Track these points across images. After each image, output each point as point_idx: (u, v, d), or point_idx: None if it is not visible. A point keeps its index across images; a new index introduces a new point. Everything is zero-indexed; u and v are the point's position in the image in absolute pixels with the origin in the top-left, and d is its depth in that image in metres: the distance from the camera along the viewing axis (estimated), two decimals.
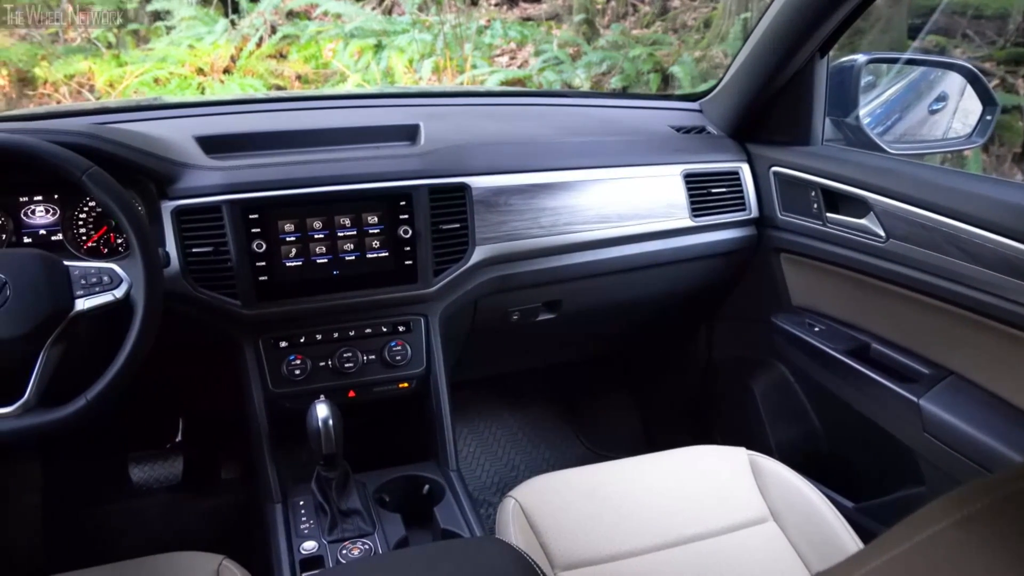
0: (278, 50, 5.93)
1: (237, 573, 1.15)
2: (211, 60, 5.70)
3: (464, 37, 5.81)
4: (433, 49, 5.69)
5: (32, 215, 1.30)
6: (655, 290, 1.72)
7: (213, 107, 1.69)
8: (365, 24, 5.97)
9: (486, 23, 6.20)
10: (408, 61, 5.67)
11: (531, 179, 1.47)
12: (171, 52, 5.70)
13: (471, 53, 5.74)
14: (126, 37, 5.87)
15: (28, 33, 5.55)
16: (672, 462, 1.43)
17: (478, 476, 1.99)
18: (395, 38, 5.82)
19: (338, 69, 5.72)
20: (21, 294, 1.04)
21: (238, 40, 5.85)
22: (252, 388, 1.33)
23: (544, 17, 6.56)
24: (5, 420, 1.02)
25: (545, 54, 5.79)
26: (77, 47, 5.58)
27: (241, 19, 5.98)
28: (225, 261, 1.29)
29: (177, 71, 5.54)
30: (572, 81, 5.68)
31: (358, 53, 5.76)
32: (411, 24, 5.84)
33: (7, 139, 1.06)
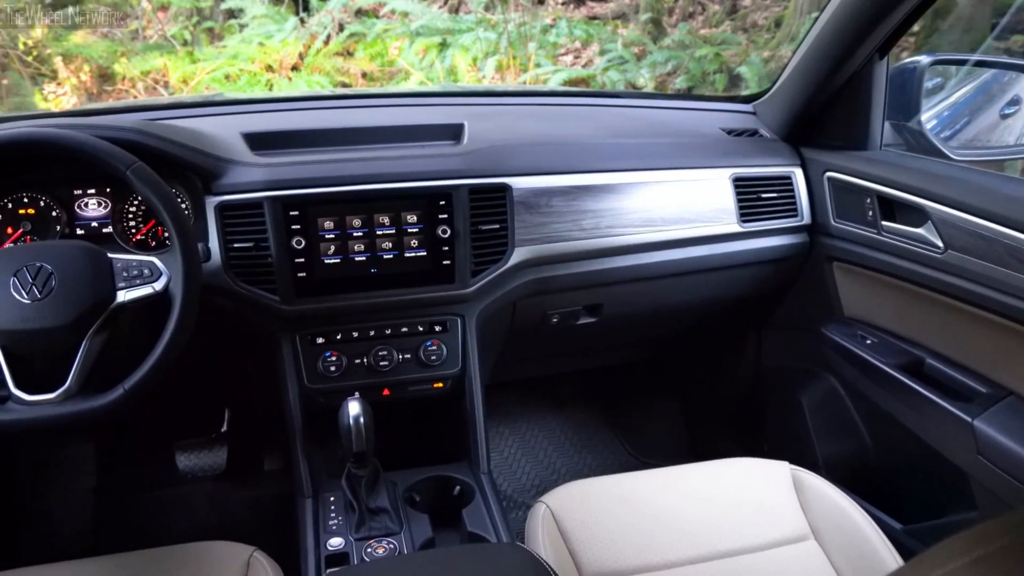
0: (345, 48, 6.02)
1: (266, 565, 1.16)
2: (280, 57, 5.82)
3: (529, 36, 5.80)
4: (497, 48, 5.70)
5: (85, 208, 1.34)
6: (701, 296, 1.68)
7: (263, 104, 1.72)
8: (430, 22, 6.01)
9: (552, 22, 6.18)
10: (472, 60, 5.69)
11: (573, 180, 1.45)
12: (242, 49, 5.83)
13: (535, 52, 5.73)
14: (201, 35, 6.05)
15: (109, 31, 5.77)
16: (710, 473, 1.39)
17: (518, 478, 1.98)
18: (460, 37, 5.85)
19: (403, 67, 5.77)
20: (66, 284, 1.07)
21: (306, 38, 5.96)
22: (288, 383, 1.35)
23: (610, 16, 6.49)
24: (47, 406, 1.05)
25: (610, 53, 5.74)
26: (154, 44, 5.76)
27: (310, 17, 6.09)
28: (265, 257, 1.31)
29: (247, 68, 5.67)
30: (636, 81, 5.62)
31: (423, 51, 5.81)
32: (476, 23, 5.86)
33: (56, 134, 1.09)
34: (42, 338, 1.06)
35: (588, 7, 6.73)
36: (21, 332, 1.05)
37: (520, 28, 5.77)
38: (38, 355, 1.10)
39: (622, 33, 6.16)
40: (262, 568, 1.15)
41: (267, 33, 5.95)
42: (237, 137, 1.41)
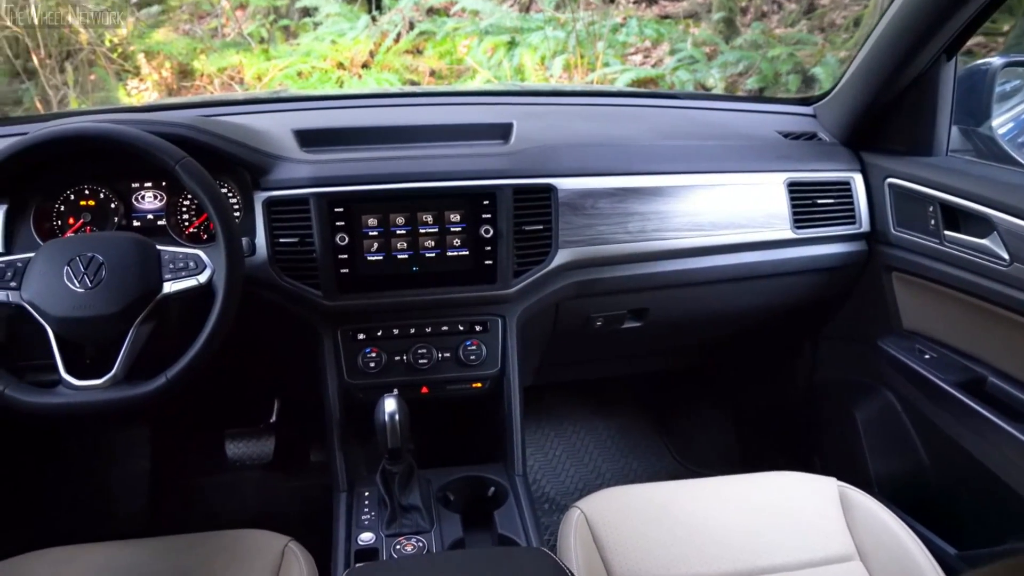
0: (415, 46, 6.09)
1: (299, 556, 1.18)
2: (351, 55, 5.92)
3: (598, 35, 5.76)
4: (565, 47, 5.68)
5: (142, 200, 1.39)
6: (751, 303, 1.63)
7: (319, 101, 1.74)
8: (499, 21, 6.03)
9: (622, 21, 6.12)
10: (540, 59, 5.68)
11: (620, 182, 1.43)
12: (315, 47, 5.95)
13: (604, 51, 5.68)
14: (276, 32, 6.20)
15: (191, 28, 5.97)
16: (753, 485, 1.35)
17: (561, 480, 1.96)
18: (528, 35, 5.85)
19: (471, 66, 5.81)
20: (116, 274, 1.11)
21: (377, 36, 6.05)
22: (328, 377, 1.36)
23: (682, 15, 6.39)
24: (94, 391, 1.09)
25: (680, 53, 5.66)
26: (231, 42, 5.92)
27: (382, 15, 6.17)
28: (310, 252, 1.33)
29: (319, 65, 5.78)
30: (706, 81, 5.52)
31: (491, 50, 5.83)
32: (545, 21, 5.85)
33: (109, 128, 1.13)
34: (92, 326, 1.10)
35: (660, 6, 6.64)
36: (72, 319, 1.09)
37: (589, 27, 5.74)
38: (88, 342, 1.14)
39: (693, 32, 6.06)
40: (295, 559, 1.17)
41: (339, 31, 6.07)
42: (288, 133, 1.43)
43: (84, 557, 1.19)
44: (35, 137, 1.11)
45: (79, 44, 4.90)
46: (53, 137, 1.11)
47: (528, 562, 0.98)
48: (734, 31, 6.01)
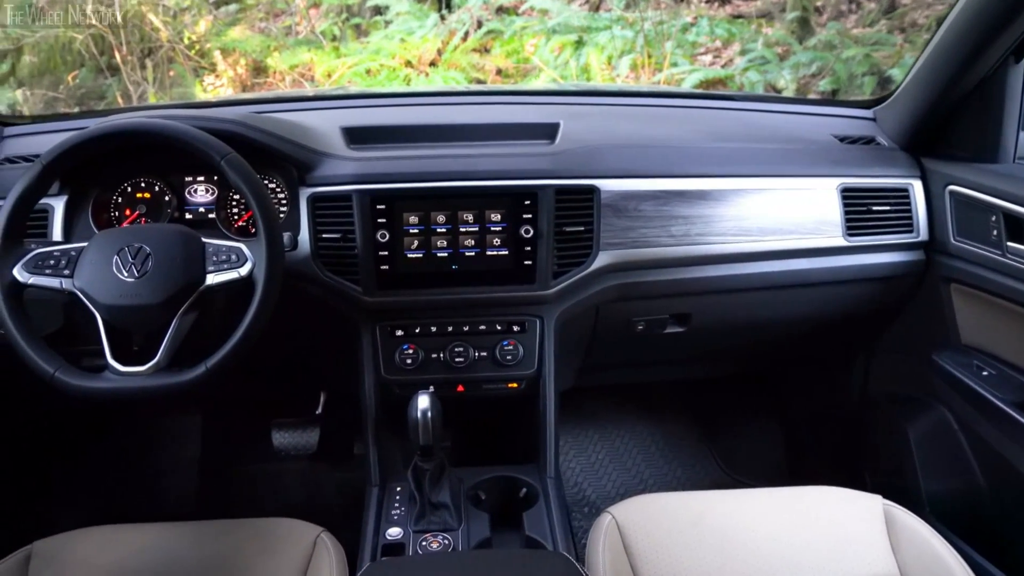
0: (482, 44, 6.12)
1: (330, 546, 1.20)
2: (419, 53, 5.98)
3: (667, 34, 5.69)
4: (633, 46, 5.63)
5: (194, 194, 1.43)
6: (799, 312, 1.58)
7: (369, 99, 1.77)
8: (567, 20, 6.01)
9: (692, 20, 6.03)
10: (607, 58, 5.64)
11: (665, 185, 1.41)
12: (384, 45, 6.04)
13: (672, 51, 5.61)
14: (348, 31, 6.32)
15: (266, 26, 6.13)
16: (794, 499, 1.31)
17: (603, 484, 1.94)
18: (596, 35, 5.82)
19: (537, 65, 5.81)
20: (161, 265, 1.15)
21: (445, 34, 6.11)
22: (365, 372, 1.38)
23: (755, 14, 6.26)
24: (137, 378, 1.12)
25: (751, 53, 5.54)
26: (303, 40, 6.06)
27: (451, 14, 6.23)
28: (351, 248, 1.35)
29: (387, 63, 5.86)
30: (777, 83, 5.39)
31: (559, 49, 5.82)
32: (614, 21, 5.81)
33: (159, 124, 1.17)
34: (137, 314, 1.14)
35: (733, 5, 6.51)
36: (119, 307, 1.13)
37: (658, 27, 5.67)
38: (135, 329, 1.18)
39: (766, 32, 5.93)
40: (326, 549, 1.19)
41: (409, 29, 6.14)
42: (336, 131, 1.46)
43: (126, 536, 1.24)
44: (89, 132, 1.15)
45: (159, 42, 5.08)
46: (105, 132, 1.15)
47: (548, 566, 0.97)
48: (808, 31, 5.85)
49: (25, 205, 1.16)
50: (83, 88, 4.98)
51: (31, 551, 1.19)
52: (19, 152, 1.45)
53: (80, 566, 1.18)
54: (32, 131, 1.53)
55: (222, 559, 1.20)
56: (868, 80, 5.11)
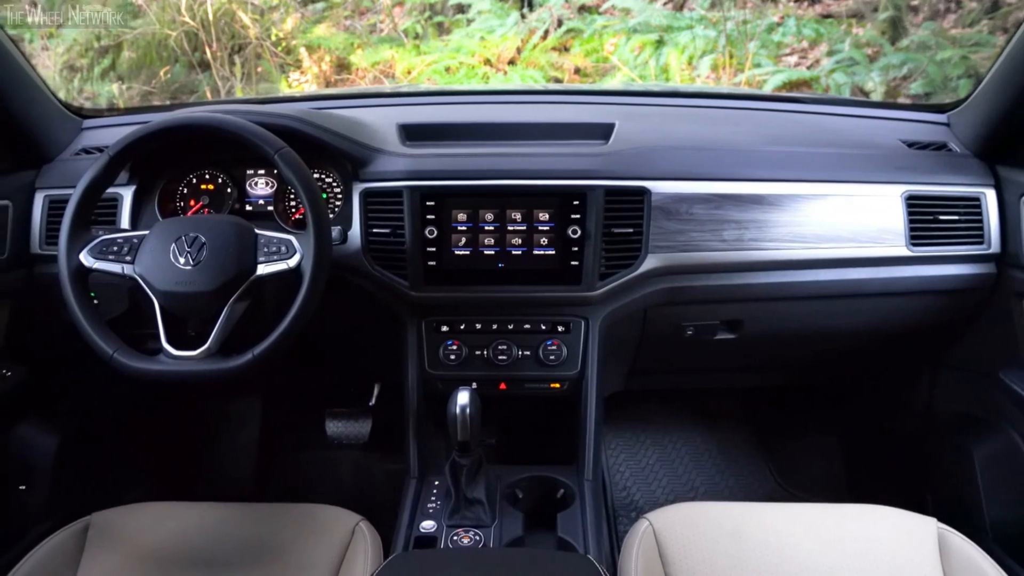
0: (562, 43, 6.11)
1: (367, 535, 1.23)
2: (498, 51, 6.02)
3: (751, 34, 5.56)
4: (715, 46, 5.52)
5: (255, 186, 1.48)
6: (857, 322, 1.52)
7: (431, 97, 1.79)
8: (648, 19, 5.95)
9: (779, 19, 5.88)
10: (688, 59, 5.55)
11: (718, 188, 1.38)
12: (464, 43, 6.10)
13: (756, 51, 5.48)
14: (430, 28, 6.41)
15: (351, 24, 6.28)
16: (844, 518, 1.27)
17: (652, 490, 1.92)
18: (677, 34, 5.74)
19: (616, 64, 5.77)
20: (215, 254, 1.19)
21: (525, 33, 6.12)
22: (409, 366, 1.40)
23: (845, 14, 6.05)
24: (189, 362, 1.17)
25: (839, 54, 5.36)
26: (386, 37, 6.18)
27: (531, 13, 6.25)
28: (400, 243, 1.37)
29: (466, 61, 5.92)
30: (865, 84, 5.21)
31: (639, 48, 5.76)
32: (697, 20, 5.71)
33: (216, 118, 1.21)
34: (191, 301, 1.19)
35: (823, 4, 6.30)
36: (175, 294, 1.18)
37: (743, 26, 5.54)
38: (189, 315, 1.24)
39: (857, 32, 5.72)
40: (363, 537, 1.22)
41: (489, 28, 6.19)
42: (392, 127, 1.48)
43: (177, 513, 1.30)
44: (152, 126, 1.21)
45: (248, 39, 5.26)
46: (166, 126, 1.20)
47: (570, 569, 0.96)
48: (901, 31, 5.62)
49: (92, 194, 1.22)
50: (176, 83, 5.20)
51: (89, 522, 1.25)
52: (95, 143, 1.53)
53: (132, 538, 1.24)
54: (109, 123, 1.62)
55: (264, 540, 1.24)
56: (964, 83, 4.87)
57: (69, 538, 1.22)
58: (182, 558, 1.21)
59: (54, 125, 1.51)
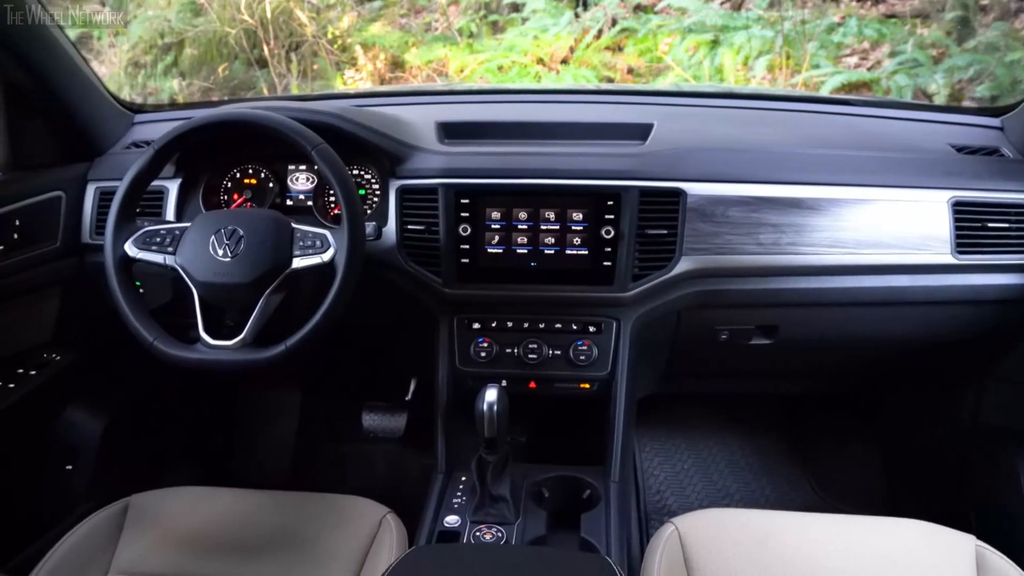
0: (615, 43, 6.08)
1: (393, 527, 1.24)
2: (551, 51, 6.01)
3: (810, 35, 5.45)
4: (771, 47, 5.43)
5: (296, 182, 1.51)
6: (898, 331, 1.48)
7: (473, 95, 1.80)
8: (704, 19, 5.88)
9: (839, 20, 5.75)
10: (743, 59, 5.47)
11: (755, 191, 1.35)
12: (517, 42, 6.11)
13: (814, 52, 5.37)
14: (484, 27, 6.44)
15: (406, 22, 6.35)
16: (877, 531, 1.24)
17: (686, 495, 1.89)
18: (732, 34, 5.66)
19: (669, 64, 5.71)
20: (252, 247, 1.22)
21: (578, 32, 6.11)
22: (440, 362, 1.41)
23: (910, 14, 5.88)
24: (224, 351, 1.20)
25: (901, 55, 5.22)
26: (440, 36, 6.22)
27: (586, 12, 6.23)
28: (434, 240, 1.38)
29: (519, 60, 5.93)
30: (927, 87, 5.06)
31: (693, 48, 5.69)
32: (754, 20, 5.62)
33: (255, 114, 1.24)
34: (228, 292, 1.22)
35: (888, 4, 6.14)
36: (213, 284, 1.22)
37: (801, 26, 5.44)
38: (226, 306, 1.27)
39: (922, 33, 5.56)
40: (389, 530, 1.24)
41: (543, 27, 6.19)
42: (431, 125, 1.50)
43: (212, 498, 1.33)
44: (194, 121, 1.24)
45: (304, 36, 5.36)
46: (208, 121, 1.24)
47: (586, 569, 0.96)
48: (969, 32, 5.45)
49: (138, 186, 1.26)
50: (235, 80, 5.32)
51: (129, 503, 1.30)
52: (145, 137, 1.58)
53: (167, 520, 1.28)
54: (158, 118, 1.67)
55: (294, 528, 1.26)
56: None
57: (109, 518, 1.27)
58: (214, 541, 1.24)
59: (107, 120, 1.57)
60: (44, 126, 1.45)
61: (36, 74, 1.37)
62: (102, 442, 1.63)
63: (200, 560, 1.21)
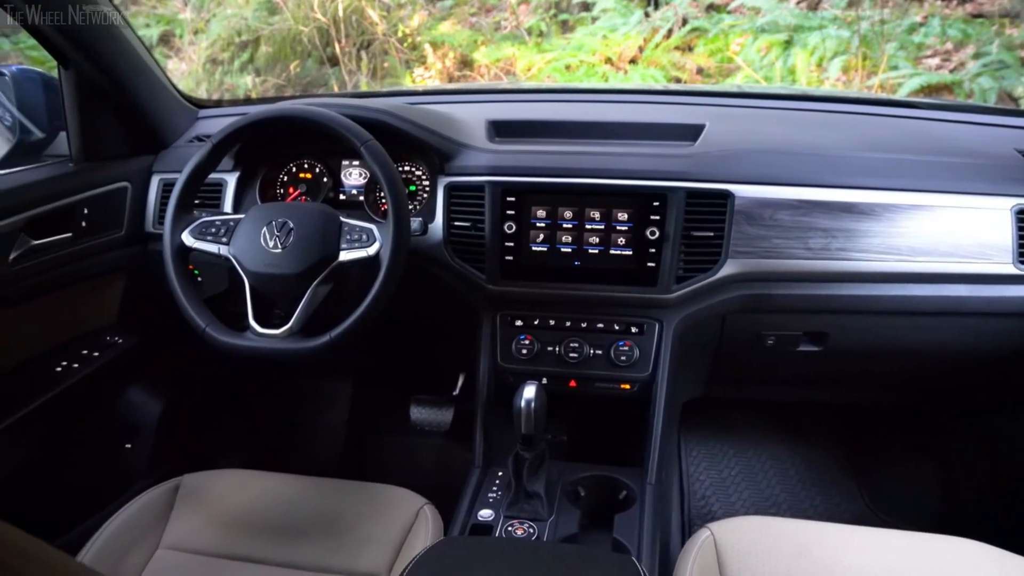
0: (686, 43, 6.01)
1: (430, 518, 1.26)
2: (620, 50, 5.98)
3: (889, 35, 5.28)
4: (848, 47, 5.28)
5: (348, 177, 1.55)
6: (956, 343, 1.42)
7: (526, 94, 1.81)
8: (778, 19, 5.76)
9: (922, 20, 5.55)
10: (817, 60, 5.33)
11: (805, 194, 1.32)
12: (586, 41, 6.09)
13: (893, 53, 5.20)
14: (554, 26, 6.44)
15: (476, 21, 6.40)
16: (923, 549, 1.20)
17: (732, 502, 1.86)
18: (807, 35, 5.53)
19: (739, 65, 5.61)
20: (302, 240, 1.26)
21: (648, 32, 6.06)
22: (482, 357, 1.43)
23: (999, 14, 5.63)
24: (272, 340, 1.24)
25: (987, 57, 5.02)
26: (509, 35, 6.26)
27: (655, 11, 6.17)
28: (480, 237, 1.40)
29: (587, 59, 5.91)
30: (1014, 89, 4.85)
31: (766, 49, 5.58)
32: (830, 20, 5.48)
33: (307, 110, 1.28)
34: (277, 282, 1.26)
35: (975, 3, 5.90)
36: (263, 275, 1.26)
37: (879, 26, 5.27)
38: (276, 296, 1.31)
39: (1010, 33, 5.32)
40: (425, 520, 1.26)
41: (612, 26, 6.16)
42: (482, 123, 1.51)
43: (259, 481, 1.38)
44: (249, 117, 1.28)
45: (375, 35, 5.46)
46: (262, 117, 1.28)
47: (611, 569, 0.96)
48: None
49: (196, 178, 1.32)
50: (307, 77, 5.46)
51: (180, 482, 1.35)
52: (208, 132, 1.64)
53: (214, 500, 1.33)
54: (221, 114, 1.73)
55: (335, 514, 1.30)
56: None
57: (161, 495, 1.33)
58: (258, 523, 1.28)
59: (172, 114, 1.64)
60: (114, 120, 1.52)
61: (108, 72, 1.43)
62: (160, 423, 1.70)
63: (244, 540, 1.26)
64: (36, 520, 0.91)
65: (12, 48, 4.90)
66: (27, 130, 1.44)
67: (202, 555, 1.24)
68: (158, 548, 1.26)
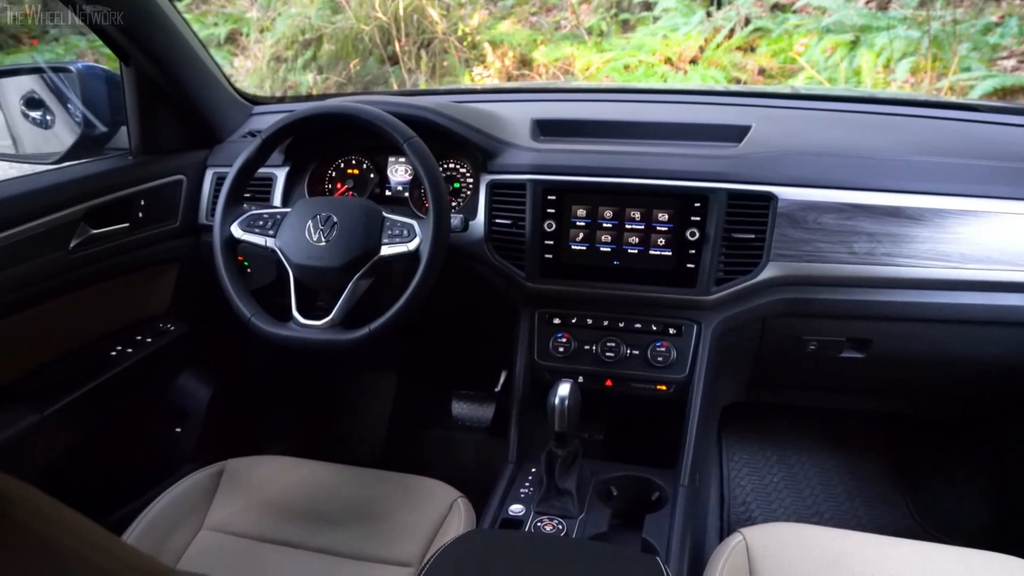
0: (747, 43, 5.92)
1: (463, 511, 1.28)
2: (680, 50, 5.92)
3: (961, 36, 5.10)
4: (917, 48, 5.13)
5: (395, 173, 1.58)
6: (1005, 354, 1.38)
7: (573, 94, 1.81)
8: (844, 19, 5.62)
9: (998, 19, 5.35)
10: (884, 61, 5.19)
11: (851, 198, 1.30)
12: (646, 41, 6.05)
13: (965, 54, 5.02)
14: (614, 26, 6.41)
15: (536, 20, 6.41)
16: (963, 563, 1.16)
17: (772, 509, 1.83)
18: (874, 35, 5.38)
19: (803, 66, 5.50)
20: (344, 234, 1.29)
21: (709, 32, 5.99)
22: (519, 354, 1.44)
23: None
24: (313, 331, 1.27)
25: None
26: (568, 34, 6.25)
27: (717, 11, 6.09)
28: (520, 235, 1.41)
29: (646, 59, 5.87)
30: None
31: (831, 49, 5.46)
32: (899, 20, 5.32)
33: (352, 107, 1.31)
34: (320, 274, 1.29)
35: None
36: (307, 267, 1.29)
37: (951, 26, 5.10)
38: (319, 288, 1.34)
39: None
40: (458, 513, 1.28)
41: (673, 26, 6.09)
42: (526, 122, 1.52)
43: (300, 468, 1.42)
44: (297, 113, 1.32)
45: (435, 34, 5.52)
46: (309, 114, 1.31)
47: (633, 568, 0.96)
48: None
49: (246, 172, 1.36)
50: (368, 75, 5.55)
51: (224, 467, 1.40)
52: (260, 127, 1.69)
53: (256, 485, 1.37)
54: (274, 110, 1.78)
55: (370, 503, 1.33)
56: None
57: (205, 479, 1.37)
58: (296, 509, 1.32)
59: (227, 110, 1.69)
60: (172, 116, 1.57)
61: (166, 68, 1.49)
62: (208, 409, 1.76)
63: (283, 524, 1.29)
64: (86, 498, 0.96)
65: (88, 46, 5.11)
66: (91, 124, 1.50)
67: (243, 537, 1.28)
68: (201, 529, 1.30)
